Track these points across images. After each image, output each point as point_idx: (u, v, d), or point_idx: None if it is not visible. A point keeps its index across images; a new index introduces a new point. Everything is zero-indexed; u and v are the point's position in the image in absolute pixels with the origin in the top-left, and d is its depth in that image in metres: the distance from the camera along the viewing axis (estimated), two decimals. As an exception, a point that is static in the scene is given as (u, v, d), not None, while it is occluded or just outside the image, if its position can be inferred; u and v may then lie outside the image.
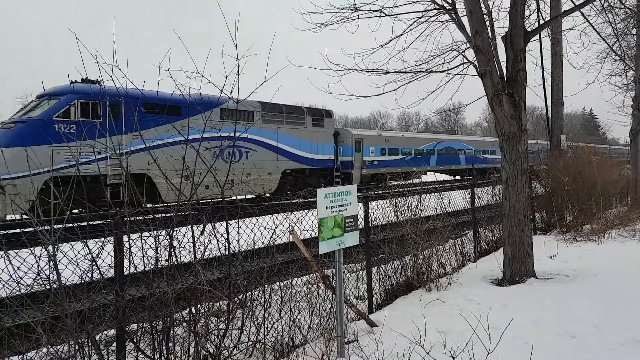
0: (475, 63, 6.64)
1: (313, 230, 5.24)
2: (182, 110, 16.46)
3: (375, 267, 6.23)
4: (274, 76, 4.04)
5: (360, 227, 5.23)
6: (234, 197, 4.51)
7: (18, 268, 3.46)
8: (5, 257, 3.45)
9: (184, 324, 3.78)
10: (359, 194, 5.14)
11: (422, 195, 6.94)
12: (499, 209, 8.48)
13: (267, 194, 19.51)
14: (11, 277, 3.46)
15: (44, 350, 3.59)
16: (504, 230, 6.89)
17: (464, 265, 7.84)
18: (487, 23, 6.60)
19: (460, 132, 76.69)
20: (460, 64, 7.12)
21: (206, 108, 18.25)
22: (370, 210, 5.87)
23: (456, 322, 4.95)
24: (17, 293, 3.45)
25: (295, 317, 4.87)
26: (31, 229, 3.40)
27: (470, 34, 6.49)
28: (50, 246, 3.41)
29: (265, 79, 4.19)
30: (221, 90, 4.31)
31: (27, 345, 3.56)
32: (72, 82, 14.97)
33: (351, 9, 6.71)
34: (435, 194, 7.59)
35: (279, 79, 4.43)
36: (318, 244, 4.57)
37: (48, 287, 3.41)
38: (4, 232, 3.25)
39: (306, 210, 5.36)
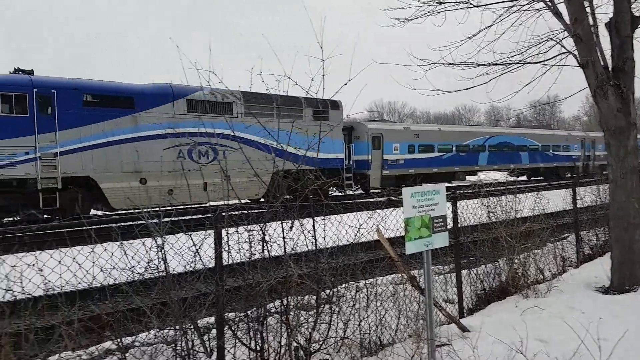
0: (575, 53, 6.31)
1: (398, 229, 5.30)
2: (136, 102, 14.83)
3: (465, 270, 6.13)
4: (358, 74, 4.20)
5: (448, 227, 5.19)
6: (213, 204, 4.21)
7: (132, 257, 3.94)
8: (121, 248, 3.93)
9: (276, 315, 4.05)
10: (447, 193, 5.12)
11: (517, 195, 6.70)
12: (605, 210, 7.91)
13: (254, 199, 16.93)
14: (126, 265, 3.94)
15: (153, 332, 4.06)
16: (611, 233, 6.44)
17: (564, 271, 7.42)
18: (588, 9, 6.26)
19: (557, 126, 71.10)
20: (558, 54, 6.80)
21: (166, 100, 15.38)
22: (459, 211, 5.81)
23: (558, 331, 4.74)
24: (131, 280, 3.91)
25: (381, 316, 4.96)
26: (142, 222, 3.85)
27: (568, 22, 6.20)
28: (159, 238, 3.86)
29: (349, 78, 4.35)
30: (307, 92, 4.55)
31: (139, 328, 4.03)
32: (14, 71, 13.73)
33: (436, 2, 6.70)
34: (532, 193, 7.27)
35: (360, 77, 4.57)
36: (404, 244, 4.62)
37: (157, 275, 3.85)
38: (118, 225, 3.71)
39: (390, 209, 5.44)
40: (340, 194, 21.42)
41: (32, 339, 2.96)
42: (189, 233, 3.90)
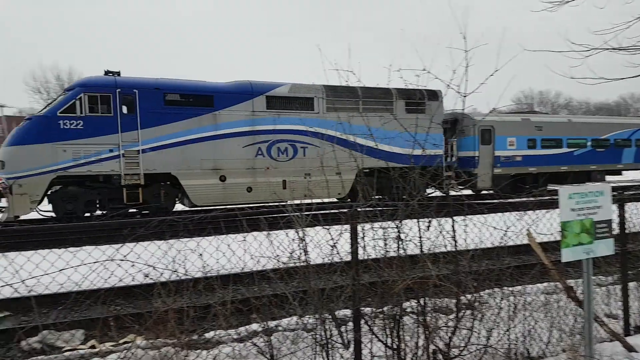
0: None
1: (552, 233, 4.84)
2: (215, 100, 15.12)
3: (633, 283, 5.33)
4: (505, 64, 3.91)
5: (614, 233, 4.58)
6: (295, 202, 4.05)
7: (277, 247, 4.25)
8: (268, 238, 4.27)
9: (413, 315, 4.01)
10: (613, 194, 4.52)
11: None
12: None
13: (336, 199, 16.29)
14: (272, 254, 4.27)
15: (294, 319, 4.34)
16: None
17: None
18: None
19: None
20: None
21: (245, 97, 15.50)
22: (627, 215, 5.06)
23: None
24: (276, 268, 4.23)
25: (531, 327, 4.60)
26: (287, 215, 4.14)
27: None
28: (300, 231, 4.11)
29: (496, 69, 4.08)
30: (448, 86, 4.38)
31: (282, 313, 4.35)
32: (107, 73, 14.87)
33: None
34: None
35: (508, 67, 4.25)
36: (559, 250, 4.21)
37: (298, 265, 4.11)
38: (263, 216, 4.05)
39: (543, 211, 4.98)
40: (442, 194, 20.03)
41: (192, 316, 3.41)
42: (327, 227, 4.07)
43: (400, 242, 4.11)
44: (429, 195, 4.43)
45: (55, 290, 4.08)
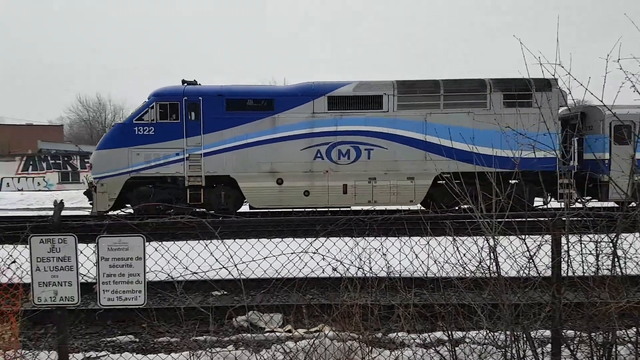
0: None
1: None
2: (275, 104, 15.06)
3: None
4: None
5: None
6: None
7: (464, 255, 4.11)
8: (453, 244, 4.16)
9: (629, 345, 3.45)
10: None
11: None
12: None
13: (408, 207, 14.88)
14: (458, 261, 4.14)
15: (483, 332, 4.13)
16: None
17: None
18: None
19: None
20: None
21: (306, 99, 15.06)
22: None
23: None
24: (463, 276, 4.09)
25: None
26: (475, 221, 3.97)
27: None
28: (491, 239, 3.89)
29: None
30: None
31: (469, 325, 4.18)
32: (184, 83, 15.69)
33: None
34: None
35: None
36: None
37: (488, 275, 3.90)
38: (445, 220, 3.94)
39: None
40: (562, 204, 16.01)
41: (376, 314, 3.54)
42: (523, 236, 3.78)
43: (616, 260, 3.58)
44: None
45: (259, 275, 4.68)
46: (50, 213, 3.87)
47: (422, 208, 15.33)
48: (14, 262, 3.98)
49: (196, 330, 4.93)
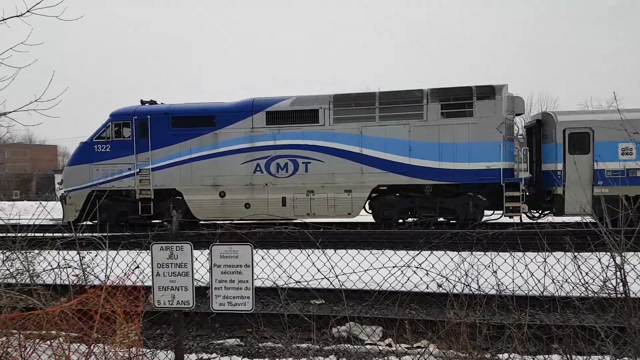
0: None
1: None
2: (216, 120, 16.07)
3: None
4: None
5: None
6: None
7: (586, 274, 3.87)
8: (574, 262, 3.93)
9: None
10: None
11: None
12: None
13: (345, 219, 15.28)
14: (580, 280, 3.91)
15: (608, 358, 3.85)
16: None
17: None
18: None
19: None
20: None
21: (245, 115, 15.83)
22: None
23: None
24: (585, 296, 3.85)
25: None
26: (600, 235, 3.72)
27: None
28: (618, 256, 3.63)
29: None
30: None
31: (590, 349, 3.92)
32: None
33: None
34: None
35: None
36: None
37: (614, 296, 3.63)
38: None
39: None
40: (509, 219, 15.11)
41: (484, 333, 3.46)
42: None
43: None
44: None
45: (360, 287, 4.79)
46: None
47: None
48: (138, 267, 4.47)
49: (298, 338, 5.15)
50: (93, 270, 4.57)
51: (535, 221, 15.63)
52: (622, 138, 13.90)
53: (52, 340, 4.29)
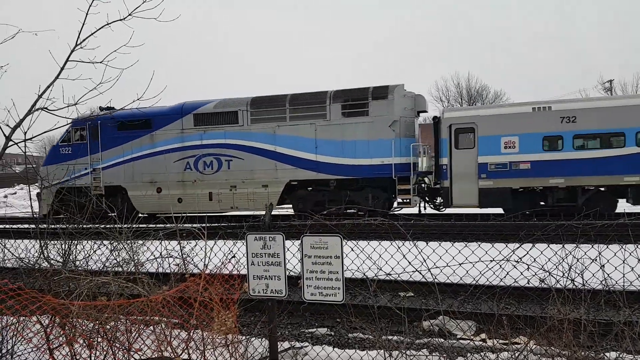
0: None
1: None
2: (153, 123, 18.36)
3: None
4: None
5: None
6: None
7: None
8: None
9: None
10: None
11: None
12: None
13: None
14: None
15: None
16: None
17: None
18: None
19: None
20: None
21: (176, 117, 18.24)
22: None
23: None
24: None
25: None
26: None
27: None
28: None
29: None
30: None
31: None
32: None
33: None
34: None
35: None
36: None
37: None
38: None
39: None
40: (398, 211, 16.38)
41: (589, 330, 3.37)
42: None
43: None
44: None
45: (455, 281, 4.81)
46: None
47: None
48: (234, 256, 4.81)
49: (388, 329, 5.27)
50: (192, 260, 4.98)
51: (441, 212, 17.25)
52: (505, 132, 15.73)
53: (155, 326, 4.75)
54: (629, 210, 14.42)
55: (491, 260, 3.56)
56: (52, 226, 6.04)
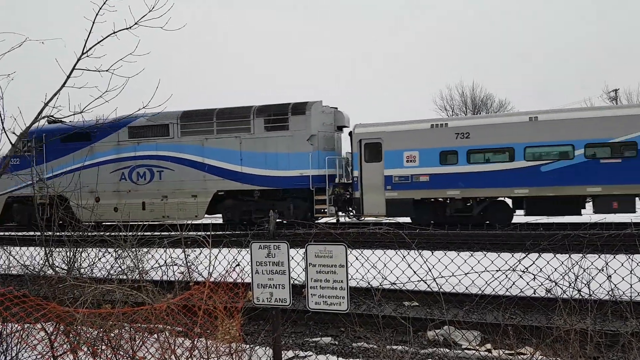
0: None
1: None
2: (92, 136, 19.19)
3: None
4: None
5: None
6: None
7: None
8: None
9: None
10: None
11: None
12: None
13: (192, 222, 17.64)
14: None
15: None
16: None
17: None
18: None
19: None
20: None
21: (113, 130, 19.09)
22: None
23: None
24: None
25: None
26: None
27: None
28: None
29: None
30: None
31: None
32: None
33: None
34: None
35: None
36: None
37: None
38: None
39: None
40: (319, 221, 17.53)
41: (595, 341, 3.36)
42: None
43: None
44: None
45: (460, 290, 4.80)
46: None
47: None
48: (238, 265, 4.82)
49: (392, 340, 5.25)
50: (197, 268, 4.99)
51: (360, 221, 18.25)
52: (407, 147, 17.14)
53: (159, 334, 4.75)
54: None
55: (497, 270, 3.55)
56: (58, 233, 6.06)
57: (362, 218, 17.88)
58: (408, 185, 17.12)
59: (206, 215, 18.60)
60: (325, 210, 17.28)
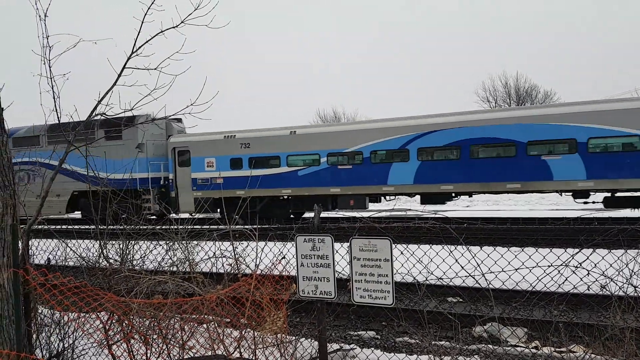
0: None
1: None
2: None
3: None
4: None
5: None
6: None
7: None
8: None
9: None
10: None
11: None
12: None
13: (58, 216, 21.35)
14: None
15: None
16: None
17: None
18: None
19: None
20: None
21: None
22: None
23: None
24: None
25: None
26: None
27: None
28: None
29: None
30: None
31: None
32: None
33: None
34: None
35: None
36: None
37: None
38: None
39: None
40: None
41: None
42: None
43: None
44: None
45: (510, 286, 4.71)
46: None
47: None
48: (284, 257, 4.89)
49: (437, 335, 5.23)
50: (244, 260, 5.09)
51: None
52: (207, 154, 21.06)
53: (208, 324, 4.89)
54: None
55: (549, 266, 3.48)
56: (111, 227, 6.33)
57: (179, 214, 20.32)
58: (208, 186, 21.02)
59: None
60: (150, 207, 20.88)
